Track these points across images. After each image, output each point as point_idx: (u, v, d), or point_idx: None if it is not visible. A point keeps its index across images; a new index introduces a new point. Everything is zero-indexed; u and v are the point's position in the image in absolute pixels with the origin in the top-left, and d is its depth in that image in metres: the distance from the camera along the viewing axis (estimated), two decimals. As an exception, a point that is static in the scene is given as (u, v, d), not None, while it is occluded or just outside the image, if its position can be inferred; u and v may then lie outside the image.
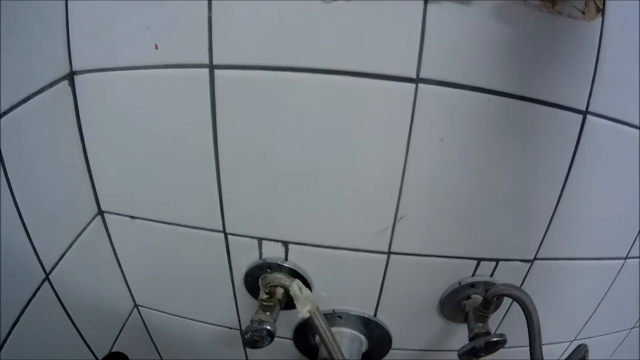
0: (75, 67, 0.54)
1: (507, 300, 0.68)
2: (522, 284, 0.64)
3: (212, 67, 0.50)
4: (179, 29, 0.49)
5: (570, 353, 0.59)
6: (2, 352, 0.47)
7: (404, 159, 0.53)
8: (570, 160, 0.55)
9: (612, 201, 0.60)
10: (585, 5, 0.46)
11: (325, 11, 0.46)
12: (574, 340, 0.76)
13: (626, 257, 0.67)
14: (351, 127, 0.52)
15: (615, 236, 0.65)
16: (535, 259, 0.62)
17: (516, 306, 0.67)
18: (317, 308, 0.56)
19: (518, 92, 0.49)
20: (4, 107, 0.45)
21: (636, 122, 0.54)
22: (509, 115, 0.51)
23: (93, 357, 0.65)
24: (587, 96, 0.50)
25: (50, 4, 0.50)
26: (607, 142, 0.54)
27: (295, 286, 0.55)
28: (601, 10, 0.47)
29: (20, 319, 0.50)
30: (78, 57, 0.54)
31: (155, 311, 0.75)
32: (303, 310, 0.55)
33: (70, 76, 0.55)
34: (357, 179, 0.55)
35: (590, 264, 0.66)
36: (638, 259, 0.69)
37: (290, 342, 0.75)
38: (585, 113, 0.51)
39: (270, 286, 0.57)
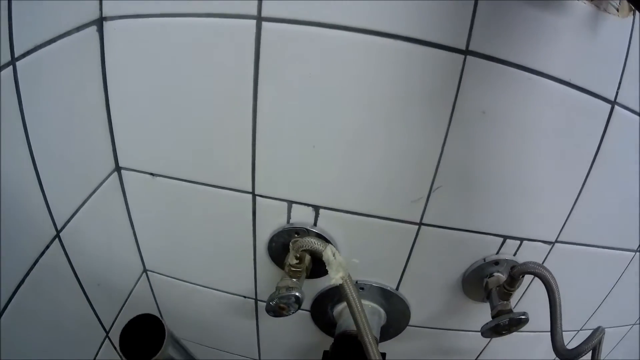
0: (106, 12, 0.54)
1: (523, 284, 0.71)
2: (541, 266, 0.68)
3: (259, 19, 0.51)
4: None
5: (589, 335, 0.63)
6: (6, 311, 0.46)
7: (446, 128, 0.55)
8: (597, 148, 0.58)
9: (630, 193, 0.64)
10: (620, 3, 0.51)
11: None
12: (580, 330, 0.81)
13: (636, 250, 0.72)
14: (398, 92, 0.53)
15: (629, 228, 0.69)
16: (556, 241, 0.66)
17: (530, 291, 0.72)
18: (349, 275, 0.57)
19: (557, 75, 0.53)
20: (27, 47, 0.44)
21: None
22: (546, 96, 0.54)
23: (98, 323, 0.64)
24: (616, 87, 0.54)
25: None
26: (631, 134, 0.58)
27: (329, 251, 0.56)
28: (633, 10, 0.51)
29: (27, 278, 0.48)
30: (110, 2, 0.53)
31: (164, 277, 0.75)
32: (335, 277, 0.56)
33: (100, 22, 0.54)
34: (399, 145, 0.56)
35: (604, 252, 0.70)
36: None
37: (306, 314, 0.76)
38: (613, 103, 0.55)
39: (302, 250, 0.57)
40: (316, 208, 0.62)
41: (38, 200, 0.49)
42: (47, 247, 0.51)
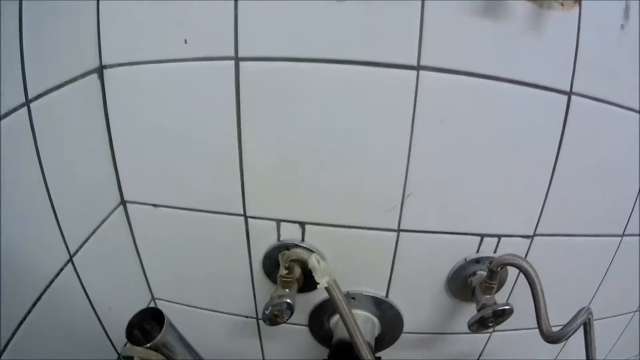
0: (105, 61, 0.64)
1: (510, 281, 0.77)
2: (524, 262, 0.73)
3: (237, 60, 0.61)
4: (207, 26, 0.59)
5: (573, 316, 0.66)
6: (22, 326, 0.52)
7: (409, 138, 0.63)
8: (560, 138, 0.65)
9: (605, 178, 0.70)
10: (564, -3, 0.58)
11: (337, 7, 0.57)
12: (579, 323, 0.84)
13: (623, 235, 0.77)
14: (363, 111, 0.62)
15: (611, 213, 0.75)
16: (534, 235, 0.72)
17: (519, 288, 0.77)
18: (335, 280, 0.64)
19: (508, 76, 0.60)
20: (40, 90, 0.53)
21: (620, 102, 0.64)
22: (500, 98, 0.61)
23: (110, 344, 0.71)
24: (570, 78, 0.61)
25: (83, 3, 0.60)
26: (594, 121, 0.65)
27: (314, 258, 0.63)
28: (578, 1, 0.58)
29: (43, 296, 0.56)
30: (108, 52, 0.63)
31: (171, 303, 0.82)
32: (321, 281, 0.63)
33: (100, 70, 0.64)
34: (368, 159, 0.65)
35: (587, 241, 0.75)
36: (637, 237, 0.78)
37: (306, 329, 0.82)
38: (570, 94, 0.62)
39: (290, 261, 0.65)
40: (302, 224, 0.70)
41: (52, 228, 0.58)
42: (62, 269, 0.59)
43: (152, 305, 0.82)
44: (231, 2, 0.58)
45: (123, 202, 0.73)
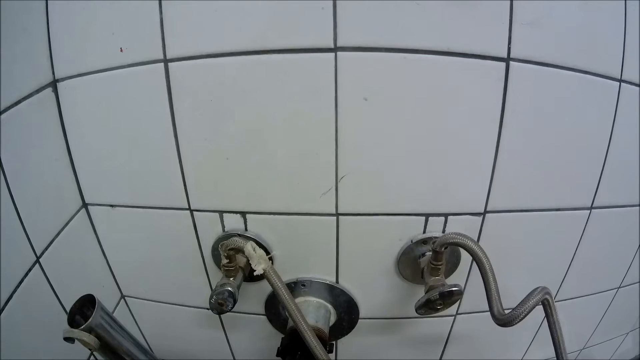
0: (58, 75, 0.69)
1: (466, 262, 0.75)
2: (478, 240, 0.71)
3: (166, 61, 0.64)
4: (137, 33, 0.63)
5: (526, 296, 0.63)
6: None
7: (334, 120, 0.63)
8: (502, 107, 0.63)
9: (560, 146, 0.67)
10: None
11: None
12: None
13: (591, 207, 0.73)
14: (289, 98, 0.63)
15: (574, 184, 0.71)
16: (486, 212, 0.70)
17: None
18: (272, 267, 0.66)
19: (434, 48, 0.59)
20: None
21: (567, 64, 0.62)
22: (429, 71, 0.60)
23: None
24: (506, 43, 0.59)
25: (33, 22, 0.65)
26: (538, 87, 0.62)
27: (249, 246, 0.65)
28: None
29: (14, 294, 0.61)
30: (59, 66, 0.68)
31: (140, 300, 0.87)
32: (258, 268, 0.64)
33: (54, 84, 0.70)
34: (299, 144, 0.66)
35: (549, 216, 0.72)
36: (609, 209, 0.74)
37: (263, 318, 0.84)
38: (507, 60, 0.60)
39: (229, 249, 0.67)
40: (243, 214, 0.72)
41: (19, 231, 0.63)
42: (30, 269, 0.65)
43: (121, 302, 0.87)
44: (156, 9, 0.61)
45: (85, 205, 0.79)
